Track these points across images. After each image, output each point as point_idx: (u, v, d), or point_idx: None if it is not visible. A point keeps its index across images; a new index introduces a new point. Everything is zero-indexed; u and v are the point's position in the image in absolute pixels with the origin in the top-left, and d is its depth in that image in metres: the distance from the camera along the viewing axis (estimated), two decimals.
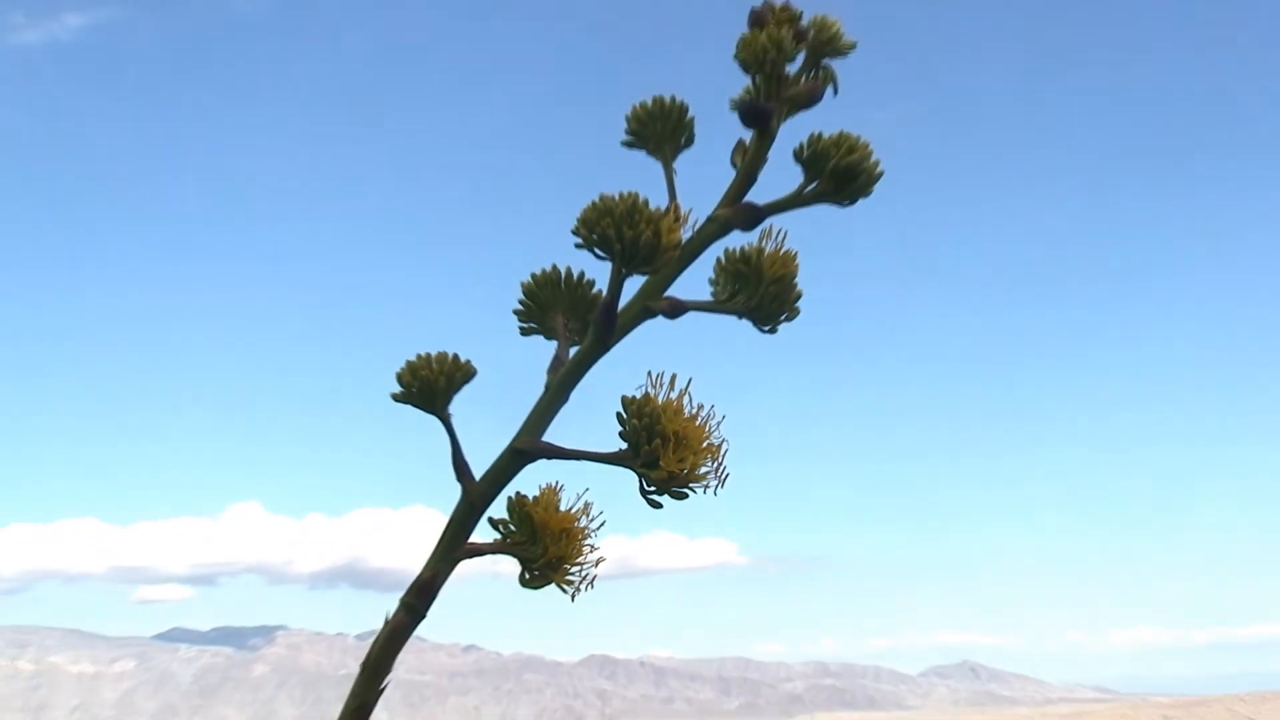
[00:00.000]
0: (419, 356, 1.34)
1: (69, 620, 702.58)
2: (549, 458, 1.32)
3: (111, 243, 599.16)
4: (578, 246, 1.25)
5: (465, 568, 1.49)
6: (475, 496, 1.33)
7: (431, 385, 1.33)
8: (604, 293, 1.27)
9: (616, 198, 1.22)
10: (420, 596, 1.33)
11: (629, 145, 1.38)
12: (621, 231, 1.21)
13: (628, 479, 1.24)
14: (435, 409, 1.34)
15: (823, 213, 1.32)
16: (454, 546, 1.33)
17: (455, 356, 1.34)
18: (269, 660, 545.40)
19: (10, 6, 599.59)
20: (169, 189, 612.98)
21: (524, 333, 1.39)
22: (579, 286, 1.35)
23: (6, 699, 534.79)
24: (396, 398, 1.35)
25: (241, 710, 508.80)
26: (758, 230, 1.31)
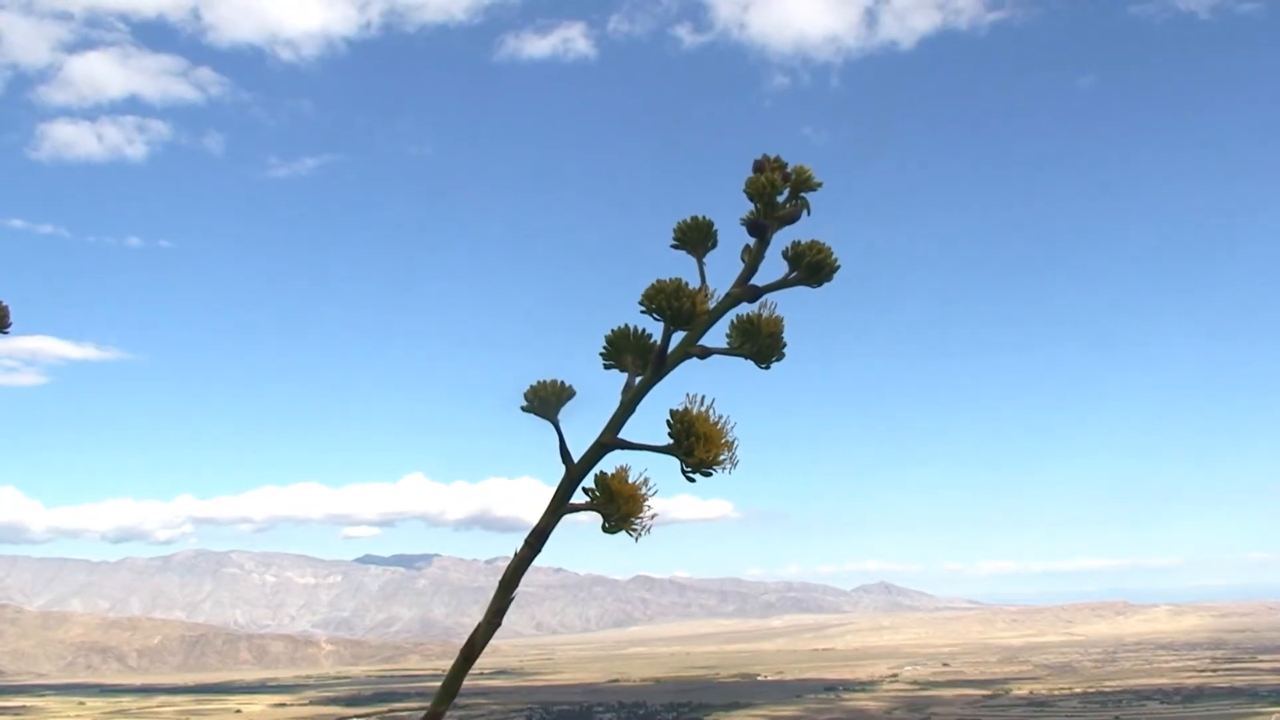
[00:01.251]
0: (539, 382, 2.32)
1: (298, 548, 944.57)
2: (622, 449, 2.27)
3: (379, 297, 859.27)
4: (642, 312, 2.24)
5: (563, 520, 3.82)
6: (575, 473, 2.29)
7: (546, 401, 2.30)
8: (658, 342, 2.24)
9: (667, 281, 2.23)
10: (538, 539, 2.29)
11: (675, 247, 2.32)
12: (670, 303, 2.22)
13: (670, 464, 2.30)
14: (549, 417, 2.30)
15: (800, 292, 2.29)
16: (560, 506, 2.29)
17: (562, 382, 2.30)
18: (429, 577, 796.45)
19: (268, 150, 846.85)
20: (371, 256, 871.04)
21: (606, 367, 2.30)
22: (641, 338, 2.25)
23: (256, 600, 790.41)
24: (524, 409, 2.31)
25: (410, 610, 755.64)
26: (758, 302, 2.28)
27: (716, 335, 2.31)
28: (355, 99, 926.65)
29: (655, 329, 2.21)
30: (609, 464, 2.24)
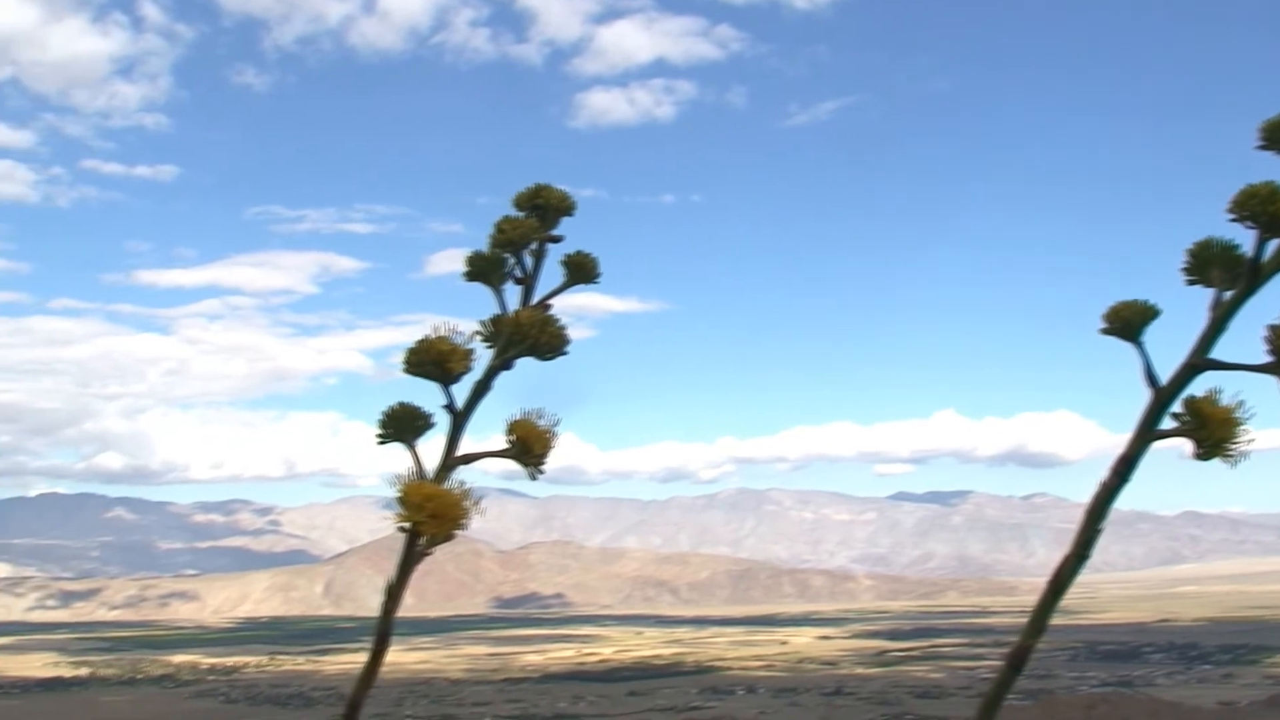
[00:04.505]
0: (1120, 302, 2.15)
1: (834, 486, 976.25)
2: (1214, 370, 2.02)
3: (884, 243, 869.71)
4: (1231, 220, 2.01)
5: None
6: (1162, 397, 2.05)
7: (1129, 321, 2.10)
8: (1248, 253, 1.98)
9: (1260, 184, 1.97)
10: (1125, 466, 2.06)
11: (1262, 148, 2.05)
12: (1264, 208, 1.95)
13: (1268, 385, 2.01)
14: (1132, 339, 2.11)
15: None
16: (1147, 432, 2.05)
17: (1146, 303, 2.12)
18: (963, 514, 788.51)
19: (787, 98, 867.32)
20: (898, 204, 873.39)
21: (1189, 283, 2.07)
22: (1228, 249, 2.02)
23: (796, 536, 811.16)
24: (1104, 331, 2.14)
25: (945, 546, 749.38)
26: None
27: None
28: (871, 39, 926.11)
29: (1244, 238, 2.02)
30: (1198, 387, 2.08)
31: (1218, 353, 2.01)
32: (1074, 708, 39.42)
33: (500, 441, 2.43)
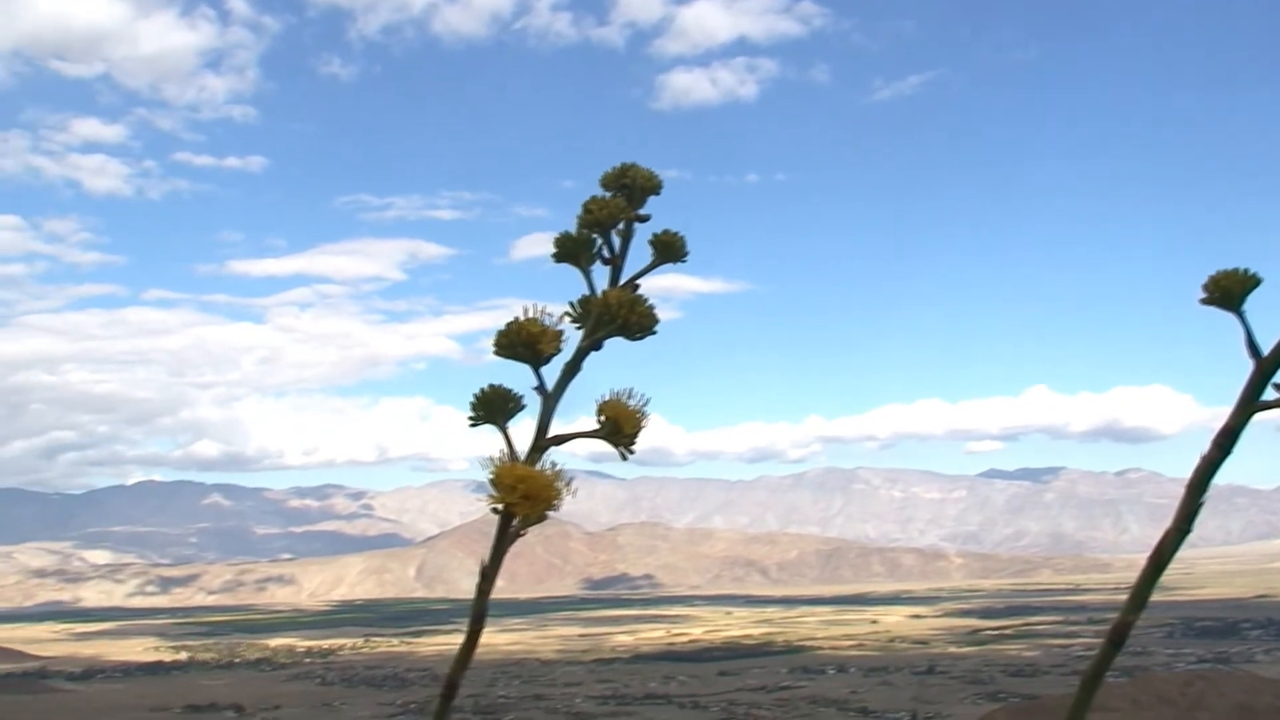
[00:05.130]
0: (1219, 272, 2.12)
1: (922, 464, 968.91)
2: None
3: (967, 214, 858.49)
4: None
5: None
6: (1265, 368, 2.05)
7: (1229, 292, 2.08)
8: None
9: None
10: (1227, 439, 2.07)
11: None
12: None
13: None
14: (1233, 308, 2.09)
15: None
16: (1249, 403, 2.06)
17: (1248, 271, 2.10)
18: (1055, 490, 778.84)
19: (871, 73, 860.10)
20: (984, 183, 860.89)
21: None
22: None
23: (885, 515, 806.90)
24: (1204, 302, 2.11)
25: (1037, 523, 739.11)
26: None
27: None
28: (954, 11, 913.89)
29: None
30: None
31: None
32: (1171, 685, 38.89)
33: (589, 423, 2.44)
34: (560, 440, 2.44)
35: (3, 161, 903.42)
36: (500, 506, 2.36)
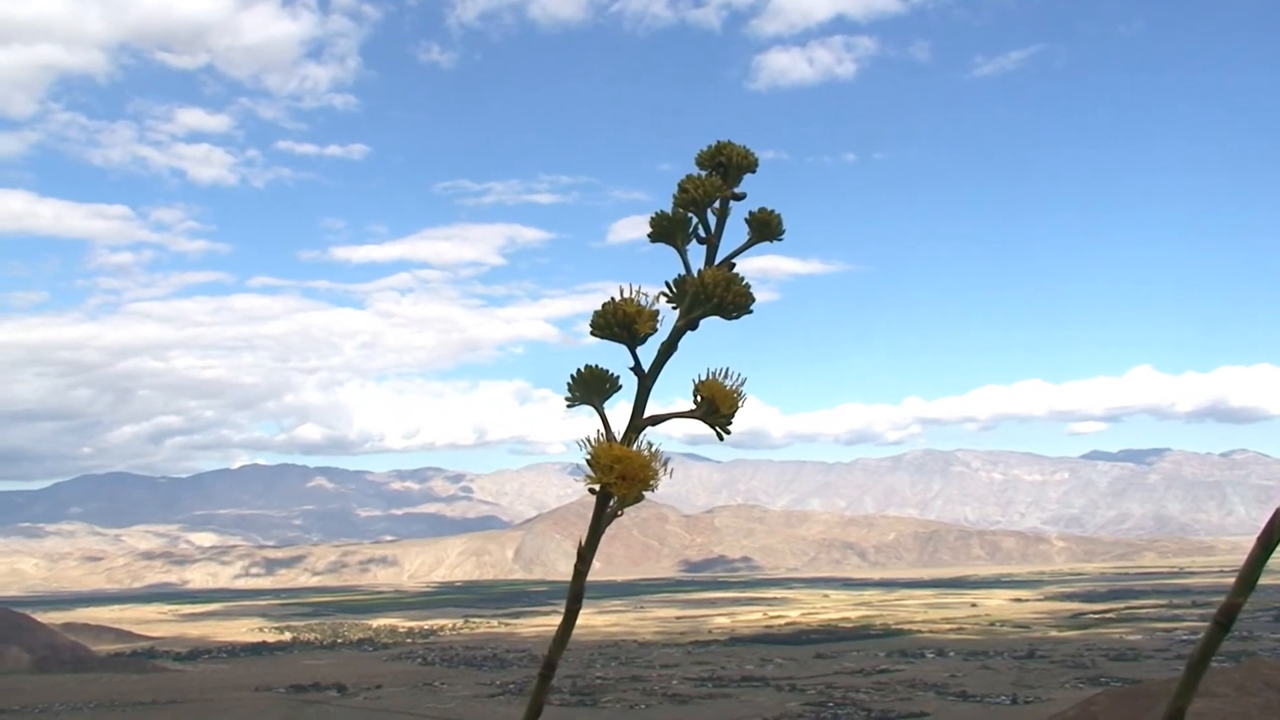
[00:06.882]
0: None
1: (1023, 446, 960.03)
2: None
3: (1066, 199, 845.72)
4: None
5: None
6: None
7: None
8: None
9: None
10: None
11: None
12: None
13: None
14: None
15: None
16: None
17: None
18: (1160, 472, 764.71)
19: (972, 50, 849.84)
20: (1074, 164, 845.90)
21: None
22: None
23: (985, 498, 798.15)
24: None
25: (1141, 506, 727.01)
26: None
27: None
28: None
29: None
30: None
31: None
32: (1278, 670, 38.18)
33: (685, 404, 2.47)
34: (657, 420, 2.45)
35: (110, 152, 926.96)
36: (597, 487, 2.39)
